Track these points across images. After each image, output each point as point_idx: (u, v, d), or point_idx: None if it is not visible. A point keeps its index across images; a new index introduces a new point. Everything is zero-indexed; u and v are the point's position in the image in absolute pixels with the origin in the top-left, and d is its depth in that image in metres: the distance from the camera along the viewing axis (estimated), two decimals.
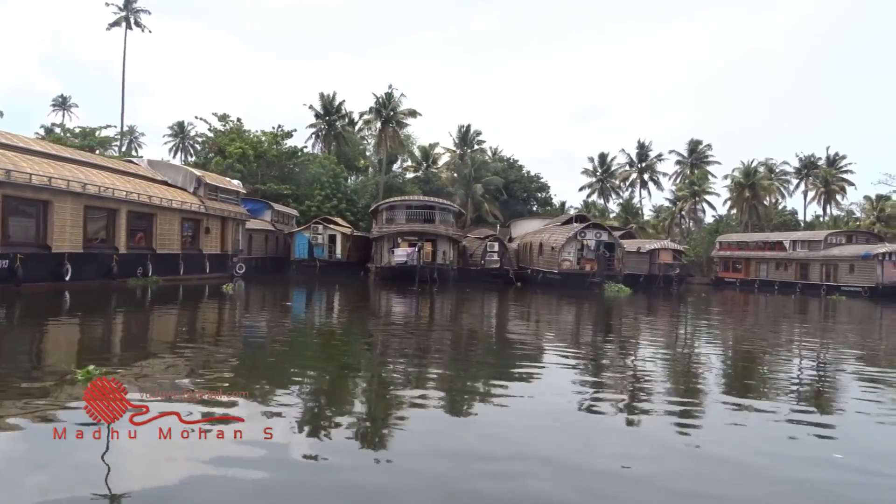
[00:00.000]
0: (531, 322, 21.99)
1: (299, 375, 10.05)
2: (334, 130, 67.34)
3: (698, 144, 76.16)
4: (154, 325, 16.29)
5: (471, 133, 76.96)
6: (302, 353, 12.56)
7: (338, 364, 11.44)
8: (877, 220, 71.10)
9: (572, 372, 11.29)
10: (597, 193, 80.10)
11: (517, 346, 15.05)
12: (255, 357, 11.68)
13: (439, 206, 41.73)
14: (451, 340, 15.73)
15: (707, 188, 68.26)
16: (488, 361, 12.50)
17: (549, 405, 8.36)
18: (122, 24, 58.69)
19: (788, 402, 9.34)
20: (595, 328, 21.08)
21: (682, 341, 17.67)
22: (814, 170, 69.99)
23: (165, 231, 28.38)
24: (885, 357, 15.67)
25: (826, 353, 15.83)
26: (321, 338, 15.29)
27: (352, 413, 7.87)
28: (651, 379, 10.91)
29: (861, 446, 7.08)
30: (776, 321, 26.06)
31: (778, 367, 12.97)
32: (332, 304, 26.19)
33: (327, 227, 44.94)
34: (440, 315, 22.85)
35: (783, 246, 54.61)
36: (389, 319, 20.60)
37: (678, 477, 5.83)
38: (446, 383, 9.82)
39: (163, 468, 5.37)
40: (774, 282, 53.47)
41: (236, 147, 55.01)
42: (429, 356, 12.69)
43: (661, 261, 46.22)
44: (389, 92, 60.42)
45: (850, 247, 49.86)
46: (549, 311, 26.93)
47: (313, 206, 55.18)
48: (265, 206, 48.50)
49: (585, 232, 40.22)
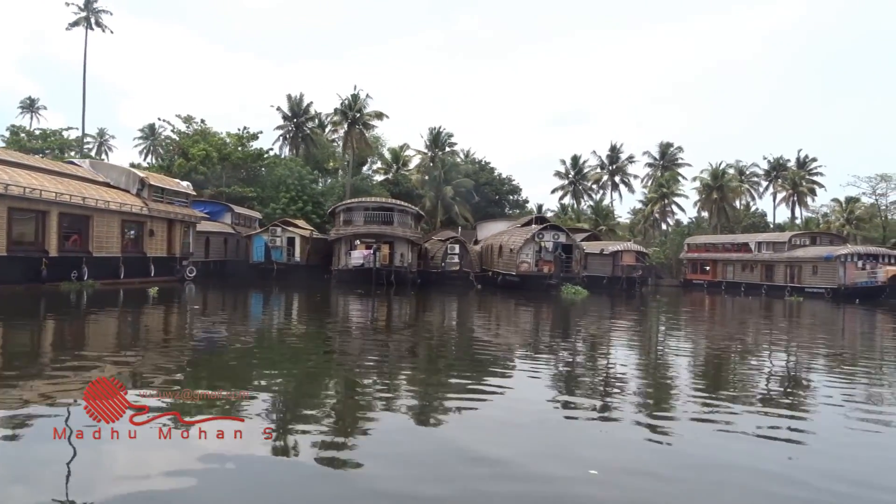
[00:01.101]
0: (472, 326, 21.50)
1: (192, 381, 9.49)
2: (302, 133, 66.64)
3: (669, 147, 76.24)
4: (58, 331, 15.60)
5: (442, 135, 76.55)
6: (199, 364, 11.96)
7: (251, 380, 10.85)
8: (846, 221, 71.50)
9: (500, 378, 10.91)
10: (569, 196, 79.97)
11: (441, 350, 14.55)
12: (137, 365, 11.09)
13: (398, 208, 41.20)
14: (384, 345, 15.17)
15: (676, 190, 68.18)
16: (421, 367, 12.03)
17: (485, 409, 8.29)
18: (82, 24, 57.65)
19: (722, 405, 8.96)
20: (536, 331, 20.62)
21: (617, 346, 17.25)
22: (782, 172, 70.16)
23: (103, 233, 27.63)
24: (819, 358, 15.38)
25: (760, 355, 15.55)
26: (219, 347, 14.63)
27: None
28: (574, 380, 10.70)
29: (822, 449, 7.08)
30: (722, 324, 25.80)
31: (704, 370, 12.59)
32: (271, 308, 25.51)
33: (286, 229, 44.23)
34: (386, 318, 22.29)
35: (749, 248, 54.59)
36: (325, 323, 20.01)
37: (629, 480, 5.77)
38: (376, 390, 9.50)
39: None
40: (741, 283, 53.41)
41: (199, 149, 54.26)
42: (357, 361, 12.22)
43: (625, 262, 45.95)
44: (355, 93, 59.96)
45: (813, 248, 49.91)
46: (496, 314, 26.49)
47: (278, 209, 54.51)
48: (225, 208, 47.80)
49: (543, 233, 39.85)
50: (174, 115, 60.20)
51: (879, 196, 74.10)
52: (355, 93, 59.91)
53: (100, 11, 58.21)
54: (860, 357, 15.60)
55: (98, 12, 58.12)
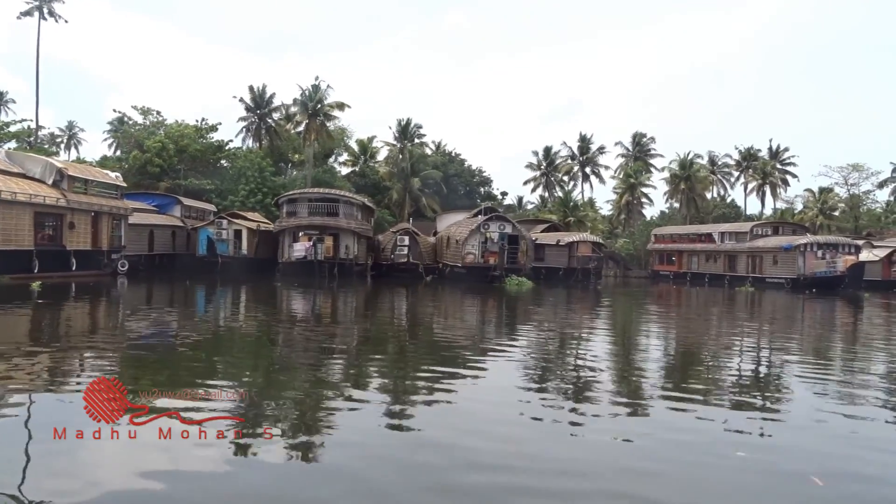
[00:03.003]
0: (403, 319, 20.59)
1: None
2: (265, 124, 65.48)
3: (642, 137, 75.32)
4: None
5: (411, 126, 75.54)
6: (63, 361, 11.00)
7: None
8: (820, 212, 70.80)
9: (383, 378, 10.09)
10: (542, 187, 79.06)
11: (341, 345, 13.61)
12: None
13: (343, 200, 40.22)
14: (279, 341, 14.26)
15: (645, 181, 67.25)
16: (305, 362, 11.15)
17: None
18: (34, 13, 56.35)
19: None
20: (461, 323, 19.73)
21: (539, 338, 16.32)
22: (753, 162, 69.33)
23: (11, 226, 26.61)
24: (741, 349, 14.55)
25: (664, 347, 14.83)
26: (87, 349, 13.71)
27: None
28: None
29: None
30: (649, 315, 24.99)
31: (594, 365, 11.74)
32: (191, 302, 24.48)
33: (232, 221, 43.12)
34: (309, 312, 21.41)
35: (713, 238, 53.84)
36: (242, 318, 19.02)
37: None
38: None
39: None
40: (705, 274, 52.70)
41: (155, 141, 53.21)
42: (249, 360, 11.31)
43: (581, 253, 45.05)
44: (316, 84, 58.84)
45: (774, 238, 49.18)
46: (418, 306, 25.65)
47: (237, 201, 53.49)
48: (174, 201, 46.74)
49: (489, 224, 38.90)
50: (130, 107, 58.81)
51: (852, 186, 73.63)
52: (316, 83, 58.86)
53: (52, 0, 56.88)
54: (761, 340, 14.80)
55: (50, 1, 56.79)
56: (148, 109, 59.52)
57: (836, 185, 73.15)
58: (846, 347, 15.99)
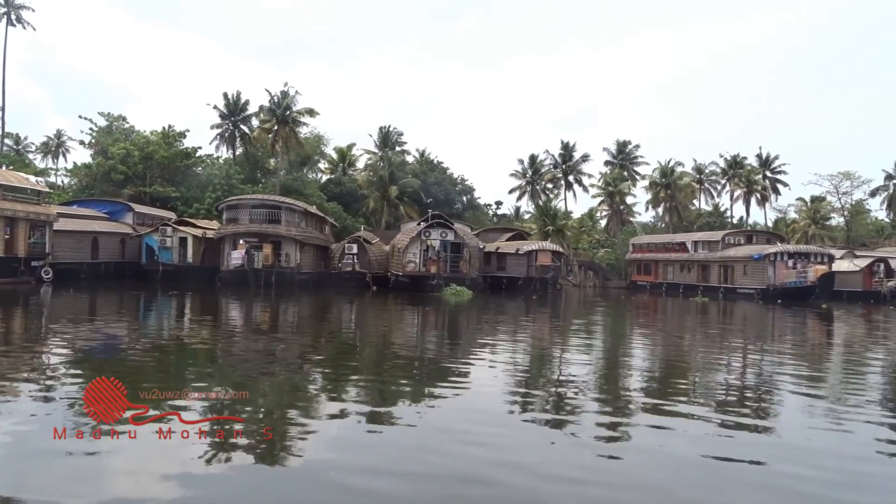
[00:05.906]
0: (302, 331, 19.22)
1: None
2: (239, 132, 64.60)
3: (627, 145, 73.35)
4: None
5: (392, 134, 74.40)
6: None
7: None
8: (812, 221, 68.30)
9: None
10: (527, 196, 77.28)
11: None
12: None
13: (285, 206, 38.91)
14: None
15: (623, 189, 65.19)
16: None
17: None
18: (2, 20, 56.08)
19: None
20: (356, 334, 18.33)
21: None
22: (738, 170, 67.08)
23: None
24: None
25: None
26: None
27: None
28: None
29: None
30: (577, 328, 23.34)
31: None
32: (104, 312, 23.18)
33: (177, 228, 42.04)
34: (220, 323, 20.14)
35: (686, 247, 51.84)
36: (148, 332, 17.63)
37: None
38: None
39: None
40: (679, 284, 50.68)
41: (119, 148, 52.47)
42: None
43: (540, 262, 43.36)
44: (285, 90, 57.80)
45: (745, 247, 47.11)
46: (340, 319, 24.27)
47: (202, 209, 52.60)
48: (125, 208, 45.82)
49: (430, 231, 37.38)
50: (97, 113, 58.03)
51: (843, 195, 71.05)
52: (285, 89, 57.83)
53: (20, 7, 56.59)
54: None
55: (18, 8, 56.50)
56: (112, 115, 58.86)
57: (828, 193, 70.63)
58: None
